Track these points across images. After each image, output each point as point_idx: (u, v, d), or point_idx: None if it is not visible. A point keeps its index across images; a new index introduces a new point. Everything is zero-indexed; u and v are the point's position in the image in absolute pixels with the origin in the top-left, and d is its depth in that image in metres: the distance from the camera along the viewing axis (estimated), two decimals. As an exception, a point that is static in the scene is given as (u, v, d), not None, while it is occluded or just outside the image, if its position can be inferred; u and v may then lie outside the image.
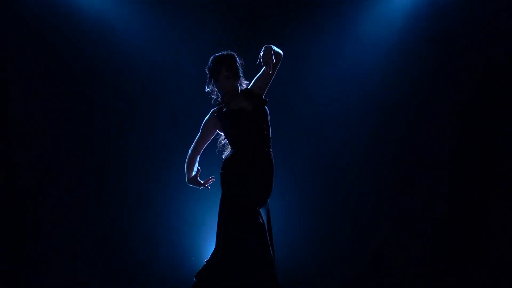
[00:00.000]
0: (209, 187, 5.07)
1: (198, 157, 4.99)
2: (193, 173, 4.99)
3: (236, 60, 4.85)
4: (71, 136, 6.96)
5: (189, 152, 4.99)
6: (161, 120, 7.12)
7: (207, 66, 4.93)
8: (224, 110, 4.86)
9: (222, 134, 4.97)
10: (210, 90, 4.97)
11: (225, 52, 4.90)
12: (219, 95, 4.95)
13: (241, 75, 4.90)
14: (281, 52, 4.89)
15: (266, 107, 4.86)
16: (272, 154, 4.83)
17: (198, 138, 4.97)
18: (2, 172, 6.77)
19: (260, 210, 4.71)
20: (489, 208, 6.70)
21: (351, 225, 7.08)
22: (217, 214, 4.78)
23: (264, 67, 4.77)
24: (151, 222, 7.04)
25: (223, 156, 4.93)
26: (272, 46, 4.74)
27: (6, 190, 6.77)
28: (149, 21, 7.09)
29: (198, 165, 5.01)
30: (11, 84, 6.84)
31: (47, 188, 6.86)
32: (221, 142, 5.03)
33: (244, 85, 4.95)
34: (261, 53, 4.68)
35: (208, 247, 6.68)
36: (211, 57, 4.92)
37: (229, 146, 4.91)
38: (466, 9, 6.83)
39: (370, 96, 7.12)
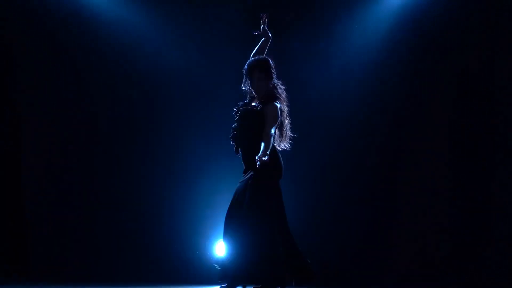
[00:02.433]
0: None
1: None
2: None
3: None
4: (71, 135, 6.96)
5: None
6: (160, 119, 7.12)
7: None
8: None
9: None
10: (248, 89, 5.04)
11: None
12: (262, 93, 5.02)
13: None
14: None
15: None
16: None
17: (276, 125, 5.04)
18: (3, 172, 6.77)
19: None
20: (489, 208, 6.71)
21: (351, 225, 7.08)
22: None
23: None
24: (151, 222, 7.03)
25: (278, 146, 5.08)
26: None
27: (6, 190, 6.76)
28: (149, 20, 7.08)
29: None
30: (11, 84, 6.84)
31: (47, 188, 6.86)
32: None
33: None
34: None
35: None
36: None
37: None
38: (466, 8, 6.85)
39: (370, 97, 7.12)
